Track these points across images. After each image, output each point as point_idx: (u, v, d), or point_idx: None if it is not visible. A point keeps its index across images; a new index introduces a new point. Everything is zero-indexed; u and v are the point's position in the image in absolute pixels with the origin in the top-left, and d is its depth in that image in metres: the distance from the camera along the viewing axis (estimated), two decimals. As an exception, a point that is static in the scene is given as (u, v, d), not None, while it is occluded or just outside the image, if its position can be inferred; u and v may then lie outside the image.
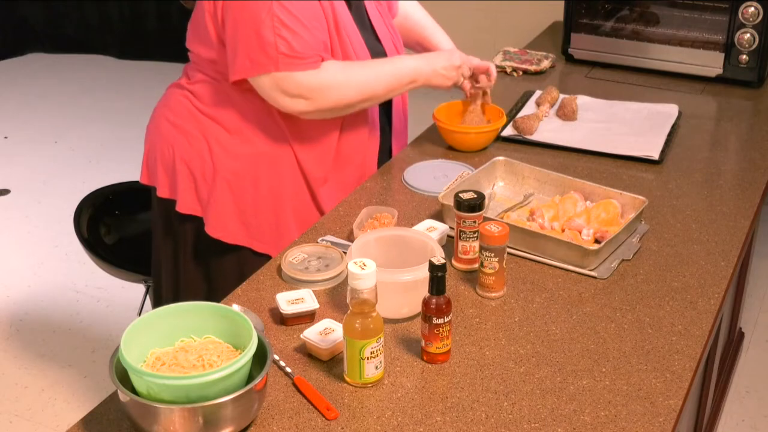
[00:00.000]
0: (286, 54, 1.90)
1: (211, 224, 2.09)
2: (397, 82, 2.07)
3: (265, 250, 2.11)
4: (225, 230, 2.10)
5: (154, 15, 5.54)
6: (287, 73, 1.91)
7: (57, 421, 2.85)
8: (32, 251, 3.75)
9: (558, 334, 1.64)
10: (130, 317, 2.78)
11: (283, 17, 1.89)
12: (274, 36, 1.88)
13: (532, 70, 2.80)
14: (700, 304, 1.73)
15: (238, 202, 2.08)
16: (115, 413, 1.44)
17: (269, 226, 2.10)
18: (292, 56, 1.90)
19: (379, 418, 1.44)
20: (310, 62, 1.92)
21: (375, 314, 1.46)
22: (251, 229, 2.10)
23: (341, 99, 1.99)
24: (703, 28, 2.76)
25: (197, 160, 2.08)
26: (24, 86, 5.34)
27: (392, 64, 2.10)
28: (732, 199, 2.10)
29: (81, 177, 4.29)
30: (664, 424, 1.44)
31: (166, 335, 1.45)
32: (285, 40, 1.89)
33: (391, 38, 2.21)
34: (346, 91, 1.98)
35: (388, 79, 2.05)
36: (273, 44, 1.89)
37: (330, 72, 1.96)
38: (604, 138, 2.34)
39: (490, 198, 2.02)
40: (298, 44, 1.90)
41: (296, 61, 1.91)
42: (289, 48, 1.89)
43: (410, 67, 2.09)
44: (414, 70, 2.09)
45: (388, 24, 2.23)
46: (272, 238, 2.10)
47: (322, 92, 1.96)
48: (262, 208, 2.09)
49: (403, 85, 2.09)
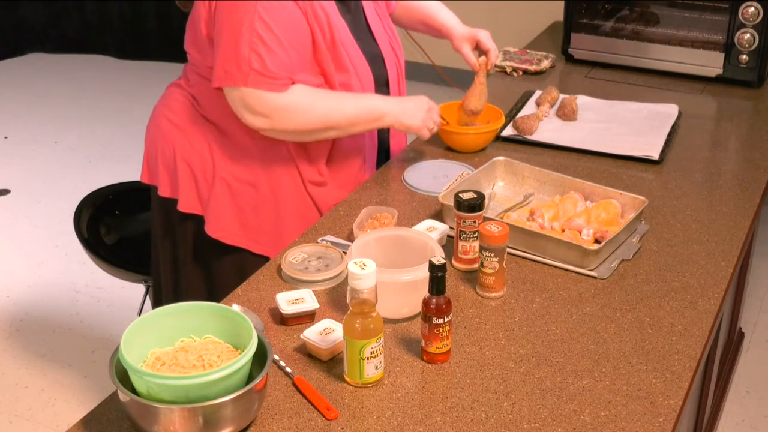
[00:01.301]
0: (258, 71, 1.90)
1: (210, 224, 2.09)
2: (362, 116, 2.03)
3: (263, 251, 2.11)
4: (224, 230, 2.10)
5: (154, 15, 5.54)
6: (255, 90, 1.91)
7: (57, 421, 2.86)
8: (32, 251, 3.75)
9: (558, 334, 1.64)
10: (130, 317, 2.78)
11: (263, 33, 1.89)
12: (249, 51, 1.89)
13: (532, 70, 2.80)
14: (700, 304, 1.73)
15: (237, 204, 2.08)
16: (115, 413, 1.44)
17: (269, 229, 2.10)
18: (262, 74, 1.90)
19: (379, 418, 1.44)
20: (278, 83, 1.92)
21: (375, 314, 1.46)
22: (250, 230, 2.10)
23: (301, 124, 1.98)
24: (703, 28, 2.76)
25: (198, 159, 2.08)
26: (24, 86, 5.34)
27: (361, 99, 2.06)
28: (732, 199, 2.10)
29: (81, 177, 4.29)
30: (664, 424, 1.44)
31: (166, 335, 1.45)
32: (260, 57, 1.89)
33: (388, 40, 2.20)
34: (307, 116, 1.97)
35: (352, 112, 2.02)
36: (247, 59, 1.89)
37: (295, 96, 1.95)
38: (604, 138, 2.34)
39: (490, 198, 2.02)
40: (272, 63, 1.90)
41: (265, 80, 1.91)
42: (262, 65, 1.90)
43: (378, 105, 2.06)
44: (381, 108, 2.06)
45: (386, 26, 2.22)
46: (271, 240, 2.10)
47: (283, 114, 1.95)
48: (262, 211, 2.09)
49: (369, 121, 2.05)
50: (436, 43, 2.55)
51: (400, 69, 2.24)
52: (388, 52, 2.19)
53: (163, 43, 5.51)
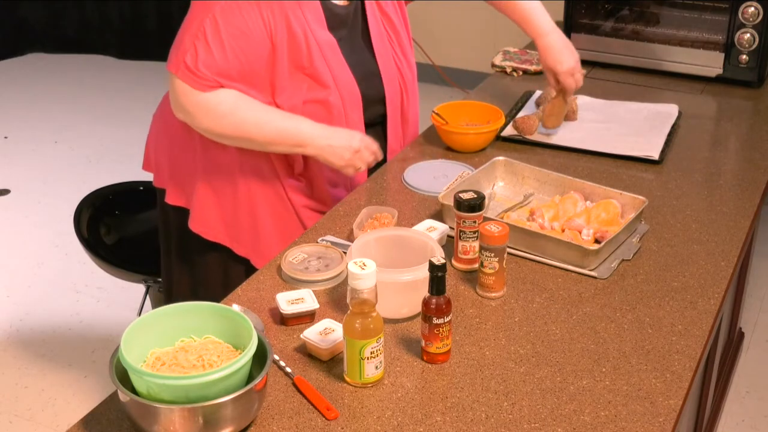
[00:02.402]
0: (187, 65, 1.90)
1: (194, 219, 2.12)
2: (280, 138, 1.99)
3: (244, 253, 2.12)
4: (206, 226, 2.12)
5: (154, 15, 5.54)
6: (183, 84, 1.92)
7: (57, 421, 2.86)
8: (32, 251, 3.75)
9: (558, 334, 1.64)
10: (130, 317, 2.78)
11: (209, 31, 1.89)
12: (190, 44, 1.90)
13: (532, 70, 2.80)
14: (700, 304, 1.73)
15: (219, 202, 2.10)
16: (115, 413, 1.44)
17: (248, 229, 2.11)
18: (190, 69, 1.90)
19: (379, 418, 1.44)
20: (204, 83, 1.91)
21: (375, 314, 1.46)
22: (231, 230, 2.11)
23: (214, 127, 1.97)
24: (703, 28, 2.76)
25: (186, 154, 2.11)
26: (24, 86, 5.34)
27: (287, 120, 2.00)
28: (732, 199, 2.10)
29: (81, 177, 4.29)
30: (664, 424, 1.44)
31: (166, 335, 1.45)
32: (195, 53, 1.90)
33: (393, 57, 2.16)
34: (224, 121, 1.95)
35: (271, 131, 1.98)
36: (184, 50, 1.91)
37: (217, 99, 1.93)
38: (604, 138, 2.34)
39: (490, 198, 2.02)
40: (205, 62, 1.90)
41: (192, 77, 1.91)
42: (194, 62, 1.90)
43: (303, 131, 1.99)
44: (305, 136, 1.99)
45: (395, 43, 2.17)
46: (251, 242, 2.11)
47: (204, 114, 1.95)
48: (240, 212, 2.10)
49: (288, 145, 2.01)
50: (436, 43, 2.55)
51: (405, 87, 2.20)
52: (390, 69, 2.15)
53: (163, 43, 5.46)
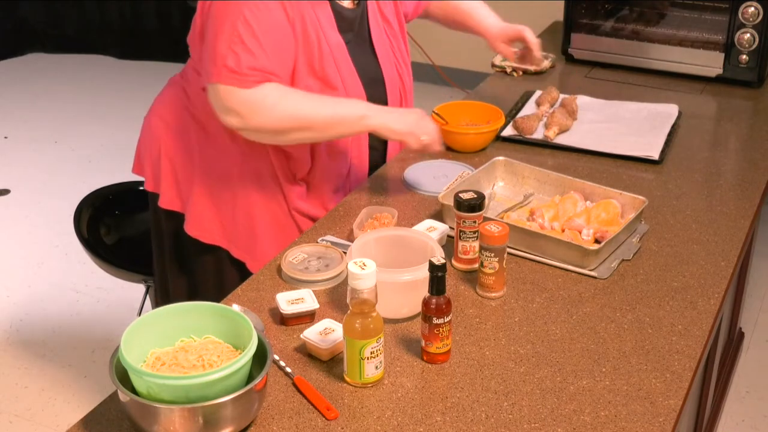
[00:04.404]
0: (231, 68, 1.88)
1: (190, 223, 2.11)
2: (339, 115, 1.95)
3: (240, 256, 2.12)
4: (203, 230, 2.11)
5: (154, 15, 5.53)
6: (226, 87, 1.90)
7: (57, 421, 2.86)
8: (32, 251, 3.75)
9: (558, 334, 1.64)
10: (130, 317, 2.78)
11: (243, 33, 1.88)
12: (227, 49, 1.88)
13: (532, 70, 2.79)
14: (700, 304, 1.73)
15: (216, 205, 2.09)
16: (115, 413, 1.44)
17: (244, 232, 2.10)
18: (234, 71, 1.88)
19: (379, 418, 1.44)
20: (250, 80, 1.89)
21: (375, 314, 1.46)
22: (228, 232, 2.11)
23: (270, 121, 1.92)
24: (703, 28, 2.76)
25: (181, 157, 2.11)
26: (24, 86, 5.34)
27: (342, 101, 1.99)
28: (732, 199, 2.10)
29: (81, 177, 4.29)
30: (664, 424, 1.44)
31: (166, 335, 1.45)
32: (236, 56, 1.88)
33: (394, 64, 2.17)
34: (276, 112, 1.91)
35: (328, 112, 1.95)
36: (223, 57, 1.88)
37: (264, 92, 1.91)
38: (604, 138, 2.34)
39: (490, 198, 2.02)
40: (247, 61, 1.88)
41: (237, 77, 1.89)
42: (237, 63, 1.88)
43: (360, 104, 1.99)
44: (364, 107, 1.98)
45: (395, 49, 2.18)
46: (247, 245, 2.11)
47: (253, 110, 1.90)
48: (238, 215, 2.09)
49: (350, 123, 1.96)
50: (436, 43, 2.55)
51: (405, 95, 2.20)
52: (392, 76, 2.16)
53: (163, 43, 5.50)
